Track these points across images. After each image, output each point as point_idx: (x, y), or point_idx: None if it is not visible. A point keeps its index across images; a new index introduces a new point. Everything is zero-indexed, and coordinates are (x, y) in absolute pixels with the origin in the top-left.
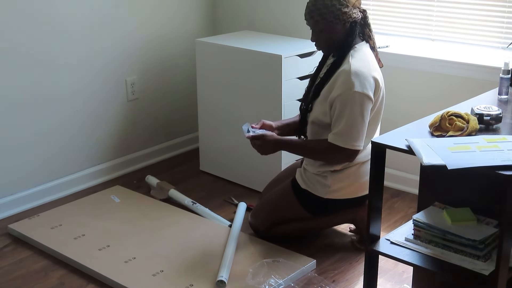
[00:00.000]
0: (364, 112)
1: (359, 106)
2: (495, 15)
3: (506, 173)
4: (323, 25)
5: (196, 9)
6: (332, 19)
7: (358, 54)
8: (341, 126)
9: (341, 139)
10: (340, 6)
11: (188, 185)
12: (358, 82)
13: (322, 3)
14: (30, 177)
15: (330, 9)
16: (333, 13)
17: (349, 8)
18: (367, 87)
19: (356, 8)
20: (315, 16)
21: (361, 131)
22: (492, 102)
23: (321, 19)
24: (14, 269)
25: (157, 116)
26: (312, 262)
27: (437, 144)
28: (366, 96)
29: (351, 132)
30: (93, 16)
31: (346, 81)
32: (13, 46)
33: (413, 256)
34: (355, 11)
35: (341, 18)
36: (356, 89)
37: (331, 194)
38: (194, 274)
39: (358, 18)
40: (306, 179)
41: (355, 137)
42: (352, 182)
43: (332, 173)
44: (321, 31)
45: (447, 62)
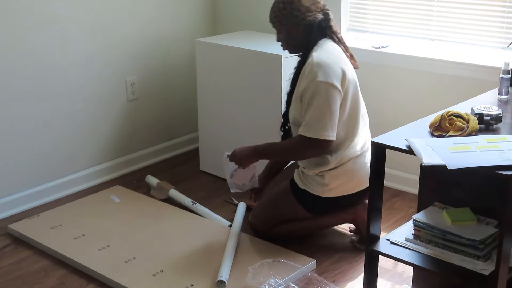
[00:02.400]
0: (331, 101)
1: (325, 96)
2: (495, 15)
3: (506, 173)
4: (279, 26)
5: (196, 9)
6: (285, 21)
7: (320, 48)
8: (309, 117)
9: (309, 129)
10: (292, 9)
11: (188, 185)
12: (321, 72)
13: (277, 6)
14: (30, 177)
15: (283, 12)
16: (285, 16)
17: (302, 12)
18: (331, 76)
19: (313, 11)
20: (272, 18)
21: (329, 120)
22: (492, 102)
23: (277, 21)
24: (14, 269)
25: (157, 116)
26: (312, 262)
27: (437, 144)
28: (331, 85)
29: (319, 122)
30: (93, 16)
31: (309, 73)
32: (13, 46)
33: (413, 256)
34: (309, 14)
35: (293, 20)
36: (320, 79)
37: (329, 192)
38: (194, 274)
39: (314, 20)
40: (304, 179)
41: (324, 127)
42: (349, 178)
43: (328, 172)
44: (279, 32)
45: (447, 62)
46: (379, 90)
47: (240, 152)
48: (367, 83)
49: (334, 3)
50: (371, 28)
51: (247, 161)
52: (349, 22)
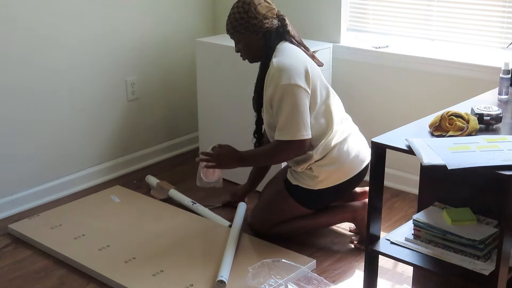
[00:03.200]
0: (298, 102)
1: (292, 97)
2: (495, 15)
3: (506, 173)
4: (238, 36)
5: (196, 9)
6: (243, 31)
7: (279, 52)
8: (281, 121)
9: (284, 133)
10: (249, 18)
11: (188, 185)
12: (284, 75)
13: (233, 17)
14: (30, 177)
15: (240, 21)
16: (242, 25)
17: (259, 20)
18: (294, 77)
19: (269, 18)
20: (230, 29)
21: (301, 120)
22: (492, 102)
23: (235, 32)
24: (14, 269)
25: (157, 116)
26: (312, 262)
27: (437, 144)
28: (296, 86)
29: (291, 124)
30: (93, 16)
31: (273, 78)
32: (13, 46)
33: (413, 256)
34: (267, 21)
35: (252, 29)
36: (284, 82)
37: (320, 184)
38: (194, 274)
39: (271, 27)
40: (296, 175)
41: (297, 128)
42: (337, 167)
43: (315, 163)
44: (238, 42)
45: (447, 62)
46: (379, 90)
47: (224, 154)
48: (367, 83)
49: (334, 3)
50: (371, 28)
51: (227, 164)
52: (349, 22)
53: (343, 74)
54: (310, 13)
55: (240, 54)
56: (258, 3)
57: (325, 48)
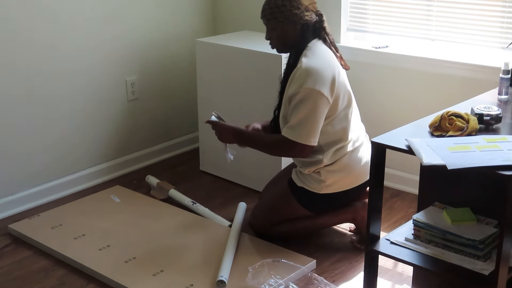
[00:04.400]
0: (316, 109)
1: (312, 103)
2: (495, 15)
3: (506, 173)
4: (274, 24)
5: (196, 9)
6: (282, 19)
7: (311, 52)
8: (293, 121)
9: (292, 133)
10: (291, 7)
11: (188, 185)
12: (310, 79)
13: (274, 2)
14: (30, 177)
15: (281, 9)
16: (283, 13)
17: (301, 10)
18: (319, 84)
19: (310, 10)
20: (267, 14)
21: (313, 127)
22: (492, 102)
23: (272, 18)
24: (14, 269)
25: (157, 116)
26: (312, 262)
27: (437, 144)
28: (318, 93)
29: (302, 127)
30: (93, 16)
31: (298, 78)
32: (13, 46)
33: (413, 256)
34: (307, 14)
35: (291, 19)
36: (308, 86)
37: (326, 188)
38: (194, 274)
39: (310, 21)
40: (302, 177)
41: (307, 133)
42: (345, 174)
43: (324, 168)
44: (272, 29)
45: (447, 62)
46: (379, 90)
47: (224, 128)
48: (367, 83)
49: (334, 3)
50: (371, 28)
51: (226, 138)
52: (349, 22)
53: None
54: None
55: (270, 42)
56: None
57: None
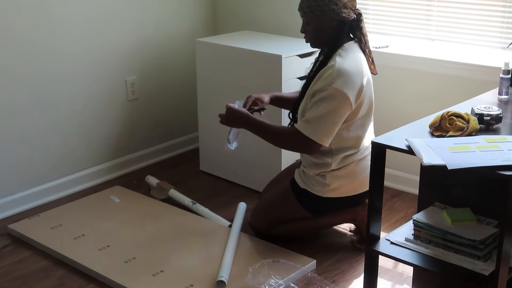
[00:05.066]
0: (338, 111)
1: (335, 104)
2: (495, 15)
3: (506, 173)
4: (310, 17)
5: (196, 9)
6: (319, 13)
7: (346, 53)
8: (310, 116)
9: (306, 127)
10: (329, 2)
11: (188, 185)
12: (340, 79)
13: None
14: (30, 177)
15: (319, 2)
16: (321, 8)
17: (338, 7)
18: (348, 87)
19: (349, 8)
20: (304, 7)
21: (329, 127)
22: (492, 102)
23: (309, 11)
24: (14, 269)
25: (157, 116)
26: (312, 262)
27: (437, 144)
28: (344, 96)
29: (319, 124)
30: (93, 16)
31: (328, 76)
32: (13, 46)
33: (413, 256)
34: (345, 11)
35: (328, 14)
36: (336, 86)
37: (330, 192)
38: (194, 274)
39: (348, 18)
40: (305, 179)
41: (322, 131)
42: (351, 180)
43: (330, 173)
44: (308, 23)
45: (447, 62)
46: (379, 90)
47: (232, 111)
48: None
49: None
50: (371, 28)
51: (233, 121)
52: None
53: None
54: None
55: (305, 36)
56: None
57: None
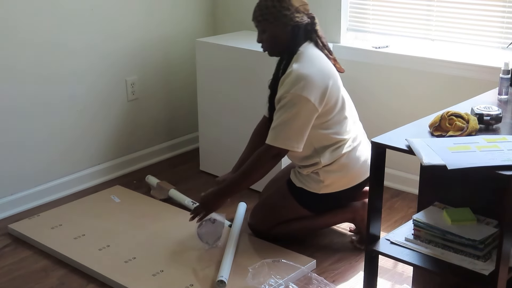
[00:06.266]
0: (300, 114)
1: (297, 108)
2: (495, 15)
3: (506, 173)
4: (264, 25)
5: (196, 9)
6: (272, 20)
7: (302, 57)
8: (274, 124)
9: (276, 138)
10: (281, 8)
11: (188, 185)
12: (299, 84)
13: (264, 4)
14: (30, 177)
15: (271, 10)
16: (273, 14)
17: (291, 12)
18: (308, 91)
19: (301, 12)
20: (258, 16)
21: (294, 132)
22: (492, 102)
23: (263, 19)
24: (14, 269)
25: (157, 116)
26: (312, 262)
27: (437, 144)
28: (305, 99)
29: (281, 131)
30: (93, 16)
31: (287, 83)
32: (13, 46)
33: (413, 256)
34: (298, 15)
35: (281, 20)
36: (295, 91)
37: (325, 188)
38: (194, 274)
39: (301, 23)
40: (301, 177)
41: (285, 137)
42: (344, 173)
43: (323, 168)
44: (263, 31)
45: (447, 62)
46: (379, 90)
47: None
48: (367, 83)
49: (334, 3)
50: (371, 28)
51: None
52: (349, 22)
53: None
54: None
55: (262, 45)
56: None
57: None
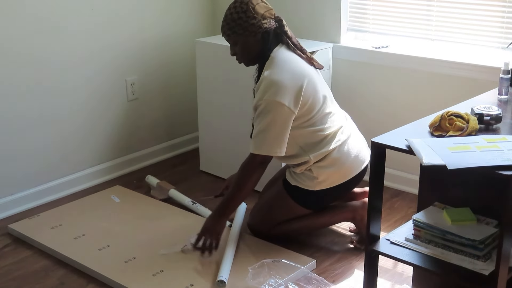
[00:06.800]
0: (277, 119)
1: (272, 114)
2: (495, 15)
3: (506, 173)
4: (235, 38)
5: (196, 9)
6: (241, 31)
7: (273, 62)
8: (254, 133)
9: (259, 147)
10: (247, 18)
11: (188, 185)
12: (271, 90)
13: (230, 17)
14: (30, 177)
15: (238, 22)
16: (241, 26)
17: (257, 19)
18: (281, 95)
19: (268, 18)
20: (227, 30)
21: (274, 138)
22: (492, 102)
23: (232, 33)
24: (14, 269)
25: (157, 116)
26: (312, 262)
27: (437, 144)
28: (279, 104)
29: (262, 138)
30: (93, 16)
31: (260, 91)
32: (13, 46)
33: (413, 256)
34: (265, 21)
35: (250, 29)
36: (269, 97)
37: (320, 185)
38: (194, 274)
39: (270, 28)
40: (295, 176)
41: (267, 144)
42: (337, 168)
43: (315, 165)
44: (235, 44)
45: (447, 62)
46: (379, 90)
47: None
48: (367, 83)
49: (334, 3)
50: (371, 28)
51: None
52: (349, 22)
53: (343, 74)
54: (310, 13)
55: (236, 58)
56: (256, 3)
57: (325, 48)
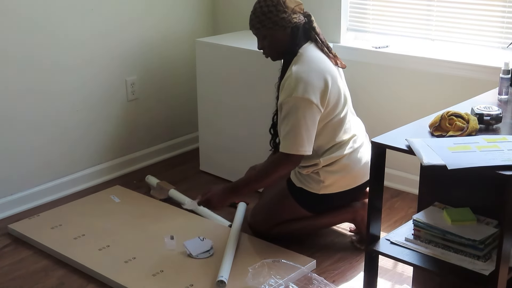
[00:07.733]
0: (306, 117)
1: (301, 112)
2: (495, 15)
3: (506, 173)
4: (264, 31)
5: (196, 9)
6: (271, 25)
7: (301, 59)
8: (284, 132)
9: (284, 145)
10: (278, 12)
11: (188, 185)
12: (299, 87)
13: (260, 11)
14: (30, 177)
15: (268, 15)
16: (271, 20)
17: (288, 14)
18: (309, 92)
19: (297, 13)
20: (256, 24)
21: (306, 136)
22: (492, 102)
23: (261, 26)
24: (14, 269)
25: (157, 116)
26: (312, 262)
27: (437, 144)
28: (308, 101)
29: (295, 138)
30: (93, 16)
31: (287, 87)
32: (13, 46)
33: (413, 256)
34: (295, 16)
35: (280, 23)
36: (297, 94)
37: (325, 189)
38: (194, 274)
39: (299, 23)
40: (301, 177)
41: (298, 143)
42: (344, 174)
43: (323, 168)
44: (263, 38)
45: (447, 62)
46: (379, 90)
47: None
48: (367, 83)
49: (334, 3)
50: (371, 28)
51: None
52: (349, 22)
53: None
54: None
55: (263, 51)
56: None
57: None
